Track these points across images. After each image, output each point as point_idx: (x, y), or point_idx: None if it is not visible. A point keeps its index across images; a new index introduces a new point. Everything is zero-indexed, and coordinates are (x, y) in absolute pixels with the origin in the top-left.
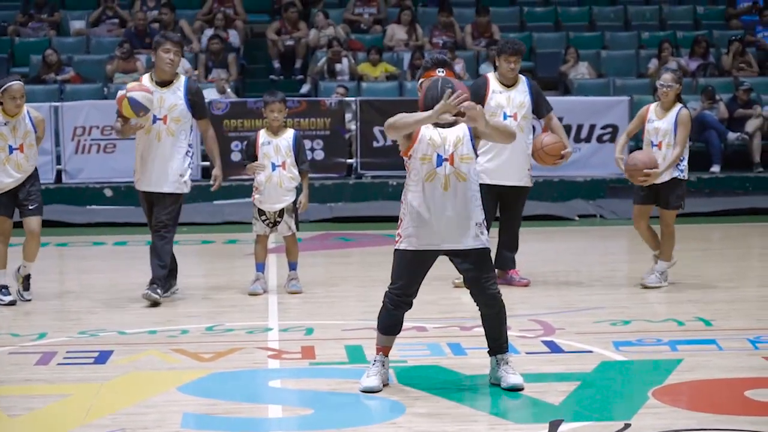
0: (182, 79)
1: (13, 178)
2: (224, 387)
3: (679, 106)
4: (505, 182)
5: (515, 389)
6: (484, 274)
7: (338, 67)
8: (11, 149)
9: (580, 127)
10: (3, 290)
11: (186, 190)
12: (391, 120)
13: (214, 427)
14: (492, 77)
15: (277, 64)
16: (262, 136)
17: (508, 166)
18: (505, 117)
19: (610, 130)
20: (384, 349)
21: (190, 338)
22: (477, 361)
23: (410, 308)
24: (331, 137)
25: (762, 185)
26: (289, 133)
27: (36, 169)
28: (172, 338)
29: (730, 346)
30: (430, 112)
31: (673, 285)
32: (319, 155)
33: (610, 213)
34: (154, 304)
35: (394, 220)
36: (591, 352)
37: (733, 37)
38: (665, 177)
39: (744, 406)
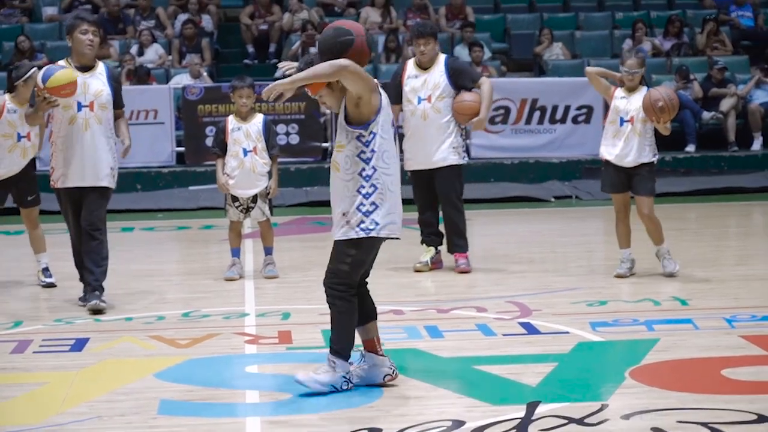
0: (101, 64)
1: (18, 165)
2: (201, 373)
3: (645, 88)
4: (423, 166)
5: (296, 383)
6: (327, 268)
7: (312, 50)
8: (19, 137)
9: (555, 108)
10: None
11: (114, 184)
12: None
13: (192, 413)
14: (411, 62)
15: (251, 49)
16: (231, 122)
17: (423, 148)
18: (419, 101)
19: (584, 111)
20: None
21: (167, 324)
22: (454, 343)
23: None
24: (306, 121)
25: (737, 164)
26: (259, 118)
27: (35, 157)
28: (149, 325)
29: (706, 326)
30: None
31: (649, 265)
32: (294, 139)
33: (586, 194)
34: (98, 312)
35: None
36: (568, 333)
37: (708, 17)
38: (640, 160)
39: (721, 385)
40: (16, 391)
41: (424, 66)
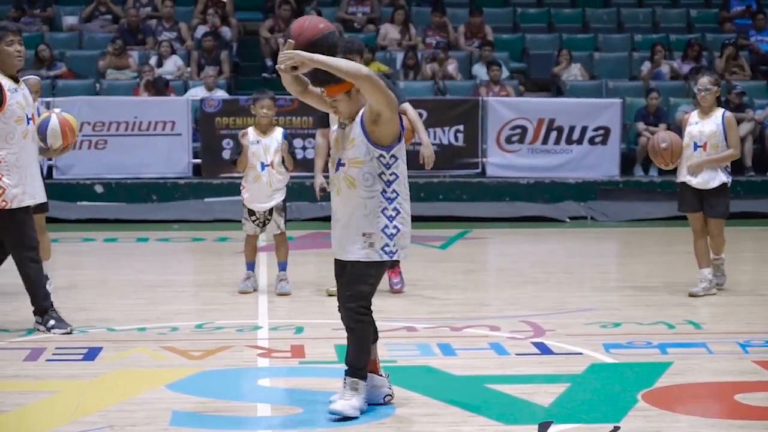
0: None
1: None
2: (213, 385)
3: (721, 109)
4: None
5: (333, 414)
6: (345, 290)
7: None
8: None
9: (572, 129)
10: None
11: None
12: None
13: (203, 425)
14: None
15: (269, 62)
16: (251, 134)
17: None
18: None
19: (602, 132)
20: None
21: (180, 336)
22: (467, 361)
23: None
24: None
25: (753, 189)
26: (278, 132)
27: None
28: (162, 335)
29: (720, 350)
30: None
31: (663, 288)
32: (311, 154)
33: (601, 215)
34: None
35: None
36: (581, 354)
37: (727, 41)
38: (715, 183)
39: (734, 410)
40: (28, 398)
41: None
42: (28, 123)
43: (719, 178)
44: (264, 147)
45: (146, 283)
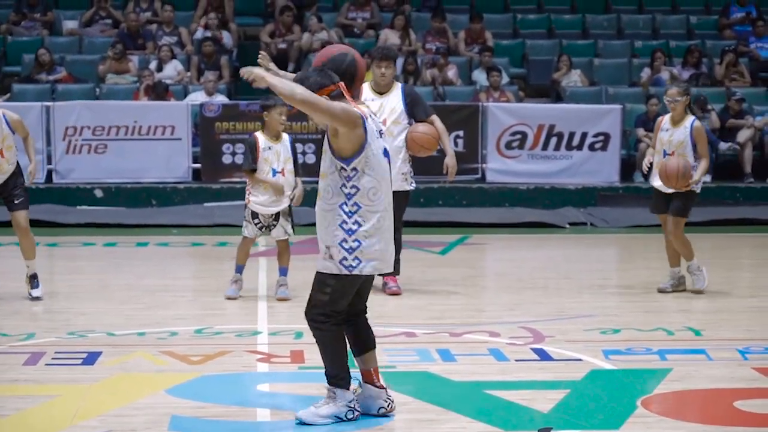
0: None
1: None
2: (213, 390)
3: (691, 118)
4: None
5: (297, 420)
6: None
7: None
8: None
9: (572, 135)
10: None
11: None
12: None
13: (203, 430)
14: (366, 86)
15: (271, 68)
16: (262, 140)
17: None
18: None
19: (601, 138)
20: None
21: (179, 340)
22: (466, 367)
23: None
24: (322, 141)
25: (753, 195)
26: (286, 138)
27: (18, 165)
28: (161, 340)
29: (719, 357)
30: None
31: (663, 294)
32: (311, 159)
33: (601, 221)
34: None
35: None
36: (580, 360)
37: (727, 48)
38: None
39: (733, 417)
40: (27, 403)
41: (380, 90)
42: None
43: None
44: (275, 153)
45: (146, 288)
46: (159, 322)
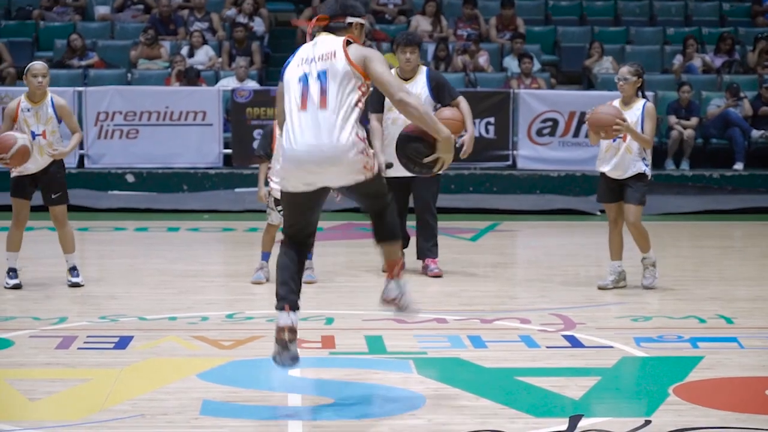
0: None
1: (36, 163)
2: (244, 375)
3: (643, 101)
4: (402, 174)
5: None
6: None
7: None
8: (34, 135)
9: None
10: (11, 273)
11: None
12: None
13: (234, 414)
14: (393, 71)
15: None
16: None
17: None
18: None
19: None
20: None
21: (210, 325)
22: (497, 354)
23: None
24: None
25: None
26: None
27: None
28: (192, 325)
29: (751, 345)
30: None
31: (694, 282)
32: None
33: None
34: None
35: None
36: (612, 347)
37: (760, 35)
38: (631, 171)
39: (765, 405)
40: (59, 386)
41: (406, 76)
42: None
43: (636, 167)
44: None
45: (177, 273)
46: (190, 306)
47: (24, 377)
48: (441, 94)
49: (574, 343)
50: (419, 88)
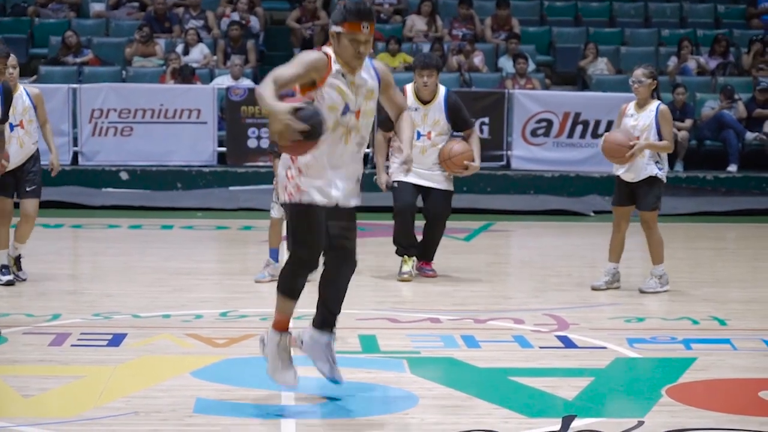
0: None
1: (18, 156)
2: (238, 373)
3: (656, 102)
4: (415, 181)
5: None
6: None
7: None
8: (12, 127)
9: (597, 123)
10: (3, 270)
11: None
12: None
13: (228, 412)
14: (410, 90)
15: (297, 52)
16: None
17: (416, 170)
18: (418, 137)
19: None
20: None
21: (204, 323)
22: (490, 354)
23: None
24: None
25: None
26: None
27: (38, 150)
28: (186, 323)
29: (744, 346)
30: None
31: (687, 284)
32: None
33: None
34: None
35: None
36: (605, 348)
37: (754, 37)
38: (643, 175)
39: (758, 407)
40: (53, 383)
41: (424, 99)
42: None
43: (648, 170)
44: None
45: (170, 271)
46: (184, 304)
47: (17, 374)
48: (457, 120)
49: (568, 343)
50: (437, 113)
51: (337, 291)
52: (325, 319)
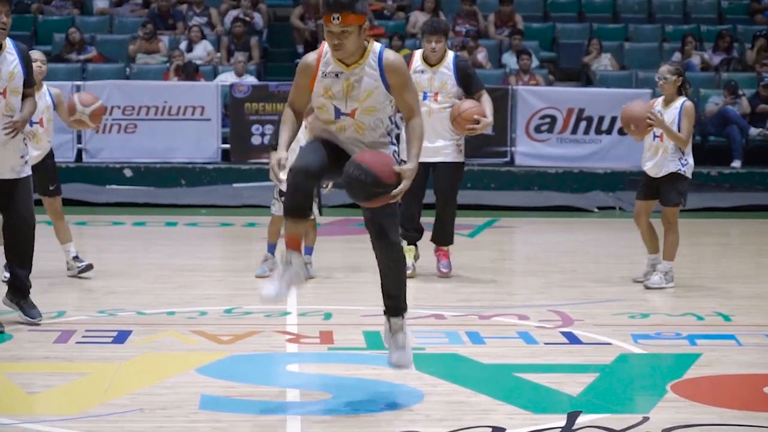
0: (8, 41)
1: (35, 153)
2: (242, 370)
3: (683, 99)
4: (422, 159)
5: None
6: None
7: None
8: (31, 122)
9: (601, 119)
10: (76, 258)
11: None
12: None
13: (232, 409)
14: (418, 55)
15: (301, 49)
16: None
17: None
18: (425, 97)
19: None
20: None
21: (209, 320)
22: (495, 350)
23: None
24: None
25: None
26: None
27: (51, 148)
28: (191, 320)
29: (749, 342)
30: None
31: (692, 280)
32: None
33: (630, 205)
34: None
35: None
36: (610, 344)
37: (758, 33)
38: (665, 171)
39: (763, 402)
40: (58, 380)
41: (431, 62)
42: None
43: (670, 166)
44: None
45: (175, 268)
46: (188, 301)
47: (22, 371)
48: (467, 84)
49: (572, 339)
50: (445, 75)
51: (383, 276)
52: (384, 305)
